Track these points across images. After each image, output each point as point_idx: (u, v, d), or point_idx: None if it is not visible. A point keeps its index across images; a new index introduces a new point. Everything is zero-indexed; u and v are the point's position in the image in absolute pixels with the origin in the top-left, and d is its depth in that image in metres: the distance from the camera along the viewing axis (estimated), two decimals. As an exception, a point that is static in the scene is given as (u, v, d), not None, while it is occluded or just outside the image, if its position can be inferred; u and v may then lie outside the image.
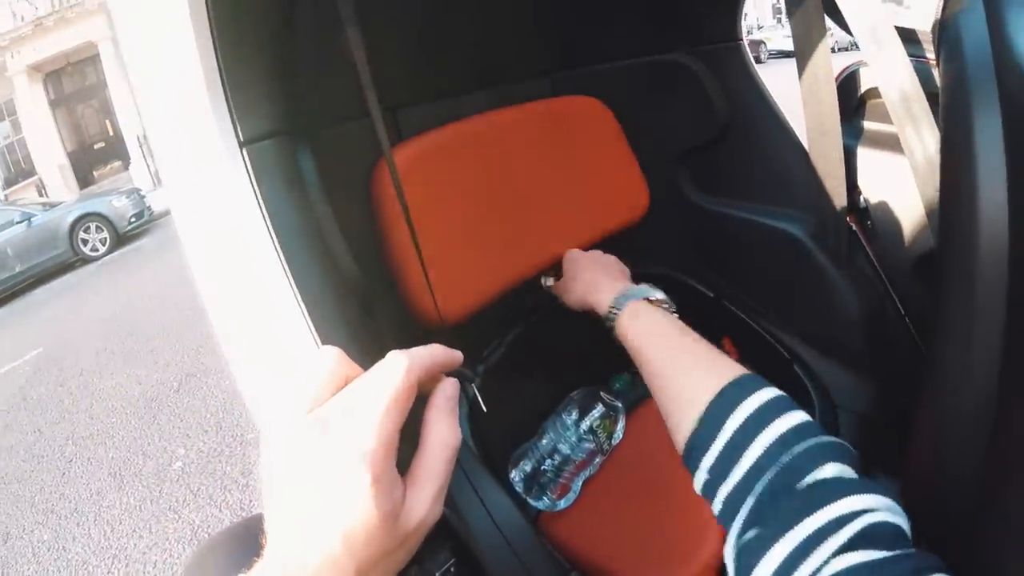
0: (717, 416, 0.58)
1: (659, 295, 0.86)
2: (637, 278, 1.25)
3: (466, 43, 1.25)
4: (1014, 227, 0.51)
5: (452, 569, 0.64)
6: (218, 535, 0.94)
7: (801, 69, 1.00)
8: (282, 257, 0.69)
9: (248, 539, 0.88)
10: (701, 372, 0.65)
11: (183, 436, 3.47)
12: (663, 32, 1.33)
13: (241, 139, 0.69)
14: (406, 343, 0.50)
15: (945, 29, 0.67)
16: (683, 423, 0.62)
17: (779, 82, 1.52)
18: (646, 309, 0.82)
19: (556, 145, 1.21)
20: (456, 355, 0.50)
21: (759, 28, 22.04)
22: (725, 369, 0.63)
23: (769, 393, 0.58)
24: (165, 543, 2.61)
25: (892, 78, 0.83)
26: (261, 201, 0.69)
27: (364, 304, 0.89)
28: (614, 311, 0.84)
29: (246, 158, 0.69)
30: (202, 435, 3.41)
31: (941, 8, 0.70)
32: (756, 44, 17.10)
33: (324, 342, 0.68)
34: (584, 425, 1.12)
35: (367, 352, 0.76)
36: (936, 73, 0.82)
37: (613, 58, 1.41)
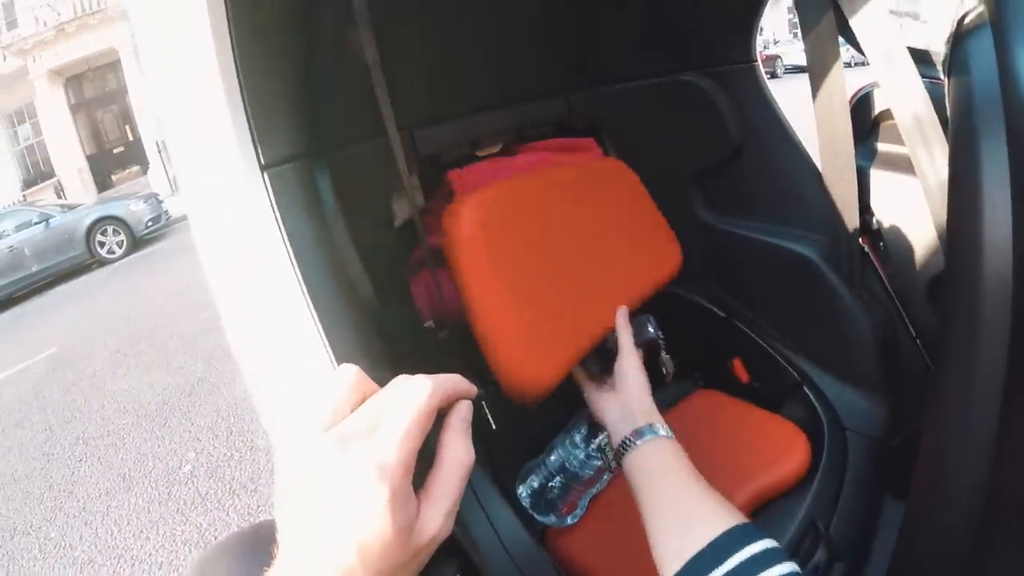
0: (701, 568, 0.59)
1: (666, 432, 0.86)
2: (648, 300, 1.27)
3: (482, 63, 1.26)
4: (1018, 257, 0.52)
5: None
6: (226, 539, 0.95)
7: (815, 90, 1.00)
8: (299, 276, 0.70)
9: (256, 544, 0.88)
10: (698, 521, 0.66)
11: (193, 440, 3.50)
12: (677, 53, 1.34)
13: (262, 163, 0.71)
14: (417, 358, 0.51)
15: (955, 54, 0.68)
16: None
17: (794, 98, 1.53)
18: (654, 450, 0.82)
19: (595, 205, 1.20)
20: (473, 389, 0.52)
21: (775, 43, 21.99)
22: (720, 519, 0.64)
23: (759, 546, 0.59)
24: (172, 545, 2.63)
25: (905, 100, 0.83)
26: (280, 223, 0.71)
27: (376, 321, 0.90)
28: (627, 445, 0.84)
29: (267, 182, 0.71)
30: (212, 440, 3.43)
31: (953, 30, 0.71)
32: (772, 59, 17.04)
33: (337, 357, 0.70)
34: (593, 443, 1.12)
35: (378, 367, 0.77)
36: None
37: (628, 78, 1.42)
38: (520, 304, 0.92)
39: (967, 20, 0.66)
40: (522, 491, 1.11)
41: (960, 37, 0.68)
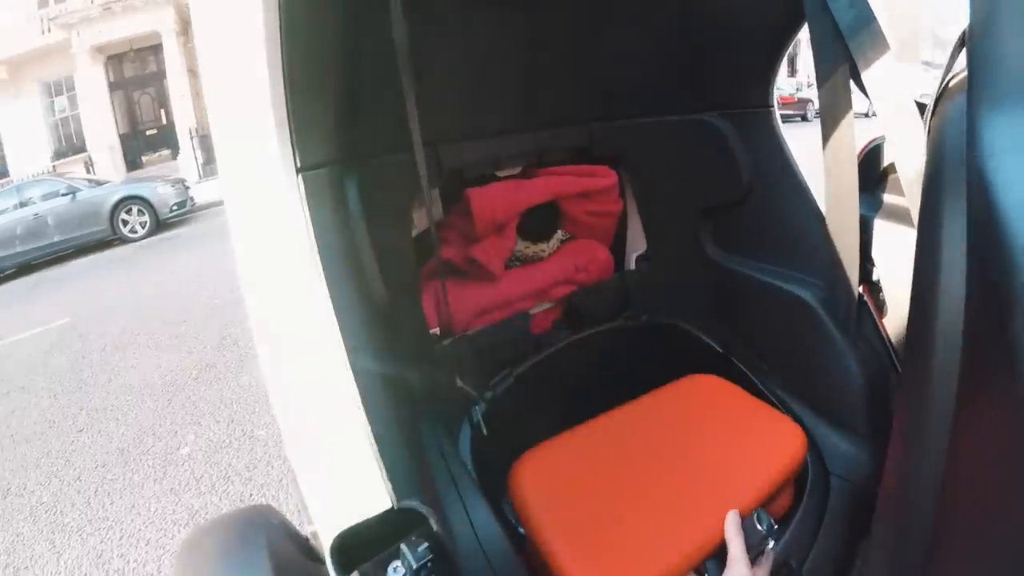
0: None
1: None
2: (646, 325, 1.30)
3: (509, 89, 1.31)
4: (968, 312, 0.56)
5: (429, 564, 0.70)
6: (215, 520, 0.99)
7: (825, 140, 1.04)
8: (322, 271, 0.76)
9: (245, 527, 0.92)
10: None
11: (194, 423, 3.54)
12: (697, 94, 1.40)
13: (298, 166, 0.77)
14: (420, 358, 0.56)
15: (935, 115, 0.73)
16: None
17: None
18: None
19: (686, 423, 1.23)
20: None
21: (809, 86, 22.01)
22: None
23: None
24: (162, 523, 2.66)
25: (909, 156, 0.87)
26: (310, 221, 0.77)
27: (385, 316, 0.95)
28: None
29: (301, 184, 0.77)
30: (213, 425, 3.47)
31: (938, 93, 0.76)
32: (804, 102, 17.06)
33: (348, 346, 0.75)
34: None
35: (383, 360, 0.82)
36: None
37: (649, 114, 1.47)
38: (586, 533, 0.97)
39: (951, 84, 0.70)
40: None
41: (941, 99, 0.73)
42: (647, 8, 1.29)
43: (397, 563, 0.74)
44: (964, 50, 0.62)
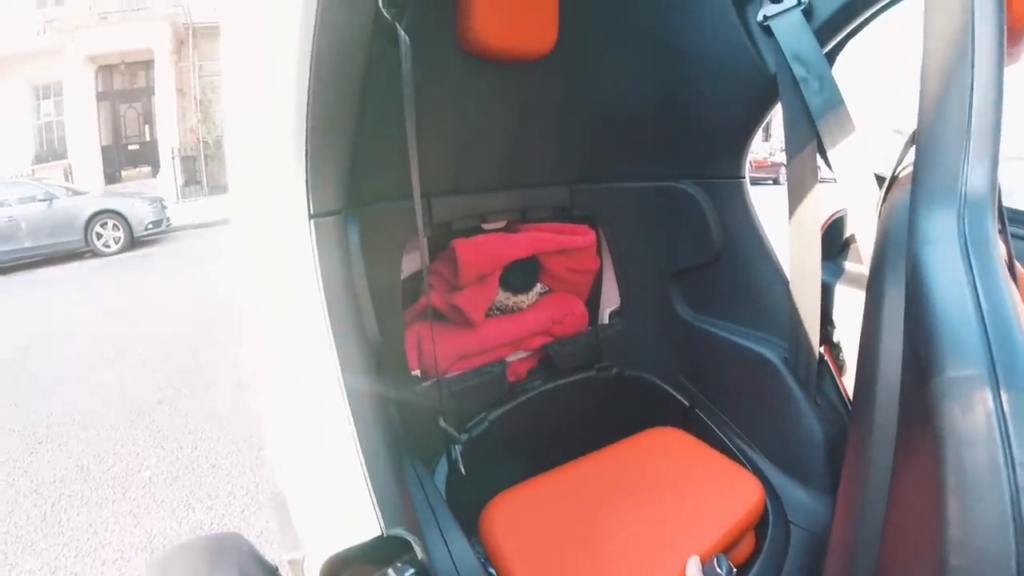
0: None
1: None
2: (617, 376, 1.36)
3: (497, 150, 1.39)
4: (903, 373, 0.65)
5: None
6: (188, 542, 1.01)
7: (792, 210, 1.13)
8: (325, 307, 0.82)
9: (218, 552, 0.95)
10: None
11: (157, 446, 3.50)
12: (673, 162, 1.49)
13: (311, 212, 0.83)
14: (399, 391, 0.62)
15: (885, 199, 0.83)
16: None
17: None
18: None
19: (650, 473, 1.30)
20: None
21: (781, 151, 22.42)
22: None
23: None
24: (119, 544, 2.62)
25: (867, 230, 0.95)
26: (318, 267, 0.83)
27: (376, 351, 1.01)
28: None
29: (312, 229, 0.83)
30: (176, 450, 3.44)
31: (889, 179, 0.85)
32: (776, 166, 17.37)
33: (344, 373, 0.81)
34: None
35: (372, 391, 0.89)
36: None
37: (626, 179, 1.57)
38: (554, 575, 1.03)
39: (900, 175, 0.80)
40: None
41: (892, 187, 0.82)
42: (628, 82, 1.38)
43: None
44: (913, 148, 0.71)
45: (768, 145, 18.40)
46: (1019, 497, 0.44)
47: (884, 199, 0.88)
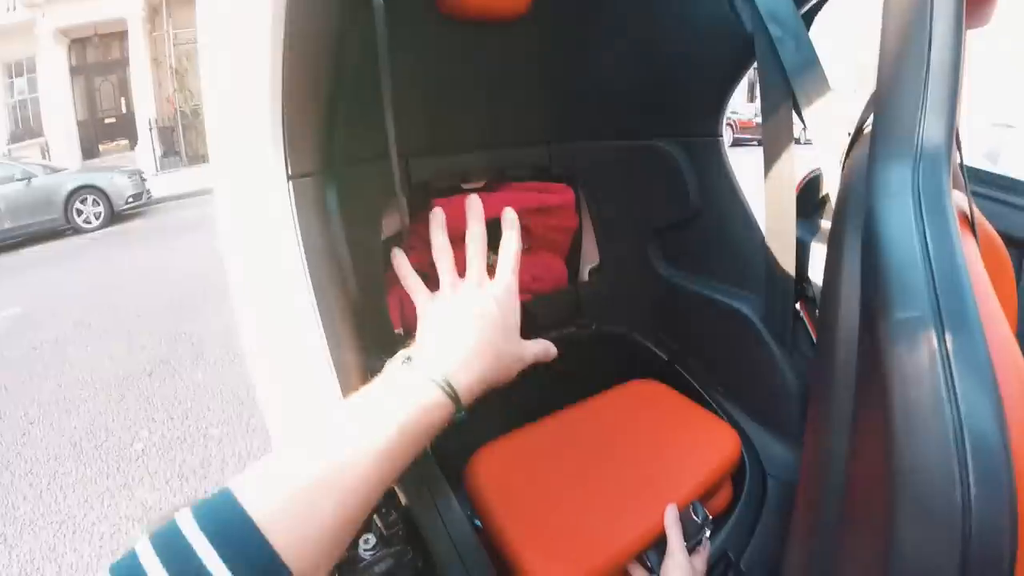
0: None
1: None
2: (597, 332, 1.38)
3: (475, 109, 1.39)
4: (861, 320, 0.68)
5: (400, 532, 0.78)
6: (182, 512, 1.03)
7: (767, 168, 1.15)
8: (307, 271, 0.84)
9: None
10: None
11: (148, 419, 3.53)
12: (652, 121, 1.49)
13: (289, 174, 0.84)
14: (382, 348, 0.65)
15: (847, 154, 0.85)
16: None
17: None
18: None
19: (629, 424, 1.32)
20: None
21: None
22: None
23: None
24: (115, 518, 2.66)
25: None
26: (297, 225, 0.84)
27: (358, 312, 1.02)
28: None
29: (291, 190, 0.84)
30: (167, 421, 3.47)
31: (852, 134, 0.87)
32: (760, 127, 17.40)
33: (328, 338, 0.84)
34: None
35: (355, 350, 0.91)
36: None
37: (605, 137, 1.57)
38: (539, 524, 1.05)
39: (865, 130, 0.82)
40: None
41: (855, 144, 0.84)
42: (606, 41, 1.38)
43: (368, 535, 0.82)
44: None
45: (754, 106, 18.36)
46: (962, 429, 0.46)
47: (848, 155, 0.90)
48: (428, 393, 0.59)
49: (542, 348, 0.82)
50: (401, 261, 0.86)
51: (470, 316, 0.71)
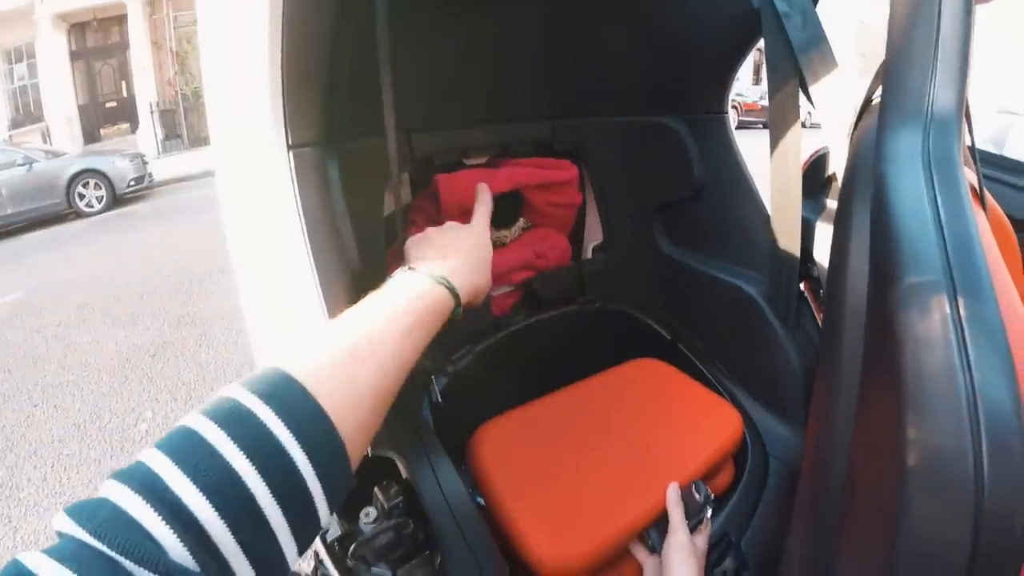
0: None
1: None
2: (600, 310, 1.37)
3: (477, 84, 1.38)
4: (868, 293, 0.67)
5: (401, 505, 0.78)
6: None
7: (773, 146, 1.13)
8: (307, 242, 0.83)
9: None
10: None
11: (152, 400, 3.54)
12: (656, 97, 1.47)
13: (289, 143, 0.83)
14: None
15: (856, 126, 0.83)
16: None
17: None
18: None
19: (632, 402, 1.31)
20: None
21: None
22: None
23: None
24: (119, 499, 2.65)
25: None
26: (297, 194, 0.84)
27: (359, 286, 1.02)
28: None
29: (291, 159, 0.84)
30: (171, 402, 3.48)
31: (860, 105, 0.86)
32: (767, 110, 17.30)
33: (329, 309, 0.84)
34: None
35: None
36: None
37: (609, 113, 1.56)
38: (540, 501, 1.05)
39: (873, 101, 0.80)
40: None
41: (863, 115, 0.83)
42: (611, 17, 1.36)
43: (370, 509, 0.82)
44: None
45: (759, 88, 18.26)
46: (975, 396, 0.45)
47: (856, 126, 0.88)
48: (433, 288, 0.69)
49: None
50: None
51: (459, 240, 0.85)
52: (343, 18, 0.93)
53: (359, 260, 1.01)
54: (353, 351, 0.55)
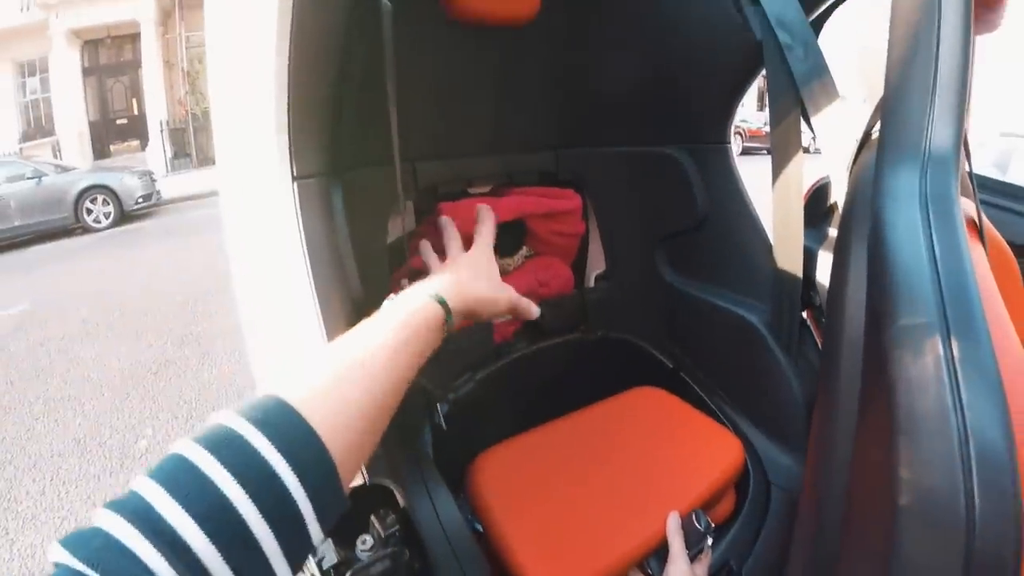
0: None
1: None
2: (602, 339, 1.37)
3: (482, 114, 1.40)
4: (867, 316, 0.68)
5: (397, 533, 0.78)
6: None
7: (776, 176, 1.13)
8: (310, 270, 0.84)
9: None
10: None
11: (152, 418, 3.53)
12: (660, 127, 1.49)
13: (294, 174, 0.85)
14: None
15: (855, 159, 0.84)
16: None
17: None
18: None
19: (633, 430, 1.32)
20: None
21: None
22: None
23: None
24: (117, 515, 2.64)
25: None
26: (301, 226, 0.85)
27: (361, 314, 1.03)
28: None
29: (296, 191, 0.85)
30: (172, 420, 3.47)
31: (860, 139, 0.86)
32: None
33: (329, 337, 0.85)
34: None
35: None
36: None
37: (613, 143, 1.57)
38: (540, 529, 1.05)
39: (873, 135, 0.81)
40: None
41: (863, 149, 0.84)
42: (614, 47, 1.37)
43: (366, 536, 0.82)
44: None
45: (764, 115, 18.33)
46: (967, 436, 0.46)
47: (855, 160, 0.89)
48: (424, 303, 0.72)
49: (522, 304, 0.91)
50: (425, 248, 0.96)
51: (458, 263, 0.88)
52: (349, 50, 0.94)
53: (361, 288, 1.02)
54: (345, 371, 0.56)
